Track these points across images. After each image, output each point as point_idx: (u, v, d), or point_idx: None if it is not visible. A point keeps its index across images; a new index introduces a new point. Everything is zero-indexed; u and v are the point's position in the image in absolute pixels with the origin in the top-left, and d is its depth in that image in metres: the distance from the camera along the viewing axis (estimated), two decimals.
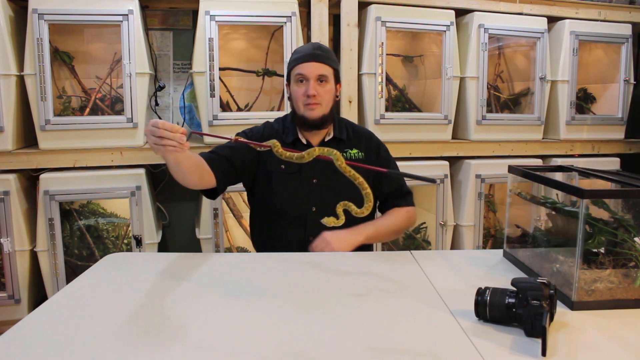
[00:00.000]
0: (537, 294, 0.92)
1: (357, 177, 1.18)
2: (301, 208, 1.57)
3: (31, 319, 1.00)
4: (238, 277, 1.26)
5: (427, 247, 2.72)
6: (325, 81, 1.56)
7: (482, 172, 2.61)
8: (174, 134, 1.19)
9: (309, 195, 1.57)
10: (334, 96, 1.60)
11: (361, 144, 1.65)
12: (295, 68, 1.57)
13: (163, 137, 1.19)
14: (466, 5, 2.58)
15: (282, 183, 1.58)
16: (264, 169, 1.60)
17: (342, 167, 1.16)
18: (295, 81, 1.57)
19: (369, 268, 1.32)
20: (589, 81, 2.97)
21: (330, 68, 1.57)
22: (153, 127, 1.19)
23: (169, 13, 2.65)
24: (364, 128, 1.75)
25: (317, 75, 1.54)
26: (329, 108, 1.58)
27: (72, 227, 2.37)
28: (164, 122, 1.20)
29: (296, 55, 1.59)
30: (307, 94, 1.53)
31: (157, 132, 1.19)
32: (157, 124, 1.19)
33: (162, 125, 1.19)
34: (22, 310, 2.21)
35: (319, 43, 1.63)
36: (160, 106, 2.63)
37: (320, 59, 1.55)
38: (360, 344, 0.91)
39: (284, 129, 1.65)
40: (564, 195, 1.22)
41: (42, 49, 2.10)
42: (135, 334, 0.94)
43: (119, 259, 1.41)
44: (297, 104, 1.58)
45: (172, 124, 1.20)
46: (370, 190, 1.21)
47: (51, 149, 2.19)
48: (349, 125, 1.70)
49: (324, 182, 1.58)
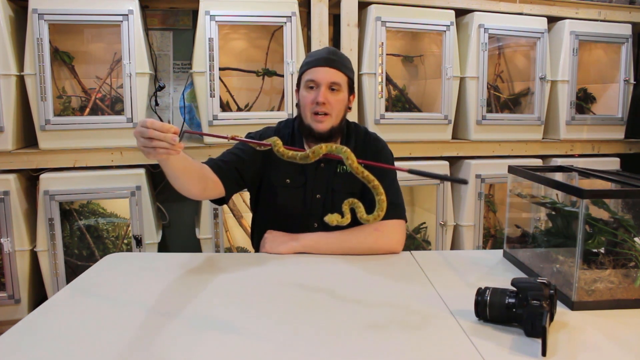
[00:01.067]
0: (537, 294, 0.92)
1: (372, 180, 1.01)
2: (303, 223, 1.50)
3: (31, 319, 1.00)
4: (238, 277, 1.25)
5: (427, 247, 2.72)
6: (337, 90, 1.43)
7: (482, 172, 2.61)
8: (165, 135, 1.05)
9: (311, 211, 1.50)
10: (346, 107, 1.48)
11: (367, 155, 1.52)
12: (306, 73, 1.45)
13: (153, 138, 1.05)
14: (466, 5, 2.58)
15: (287, 197, 1.50)
16: (268, 182, 1.51)
17: (353, 167, 1.02)
18: (306, 87, 1.45)
19: (368, 268, 1.32)
20: (589, 81, 2.97)
21: (345, 76, 1.45)
22: (142, 128, 1.05)
23: (169, 13, 2.65)
24: (376, 137, 1.60)
25: (329, 82, 1.42)
26: (339, 120, 1.46)
27: (72, 227, 2.37)
28: (152, 121, 1.05)
29: (309, 59, 1.47)
30: (316, 101, 1.41)
31: (146, 132, 1.04)
32: (145, 123, 1.05)
33: (150, 124, 1.04)
34: (22, 310, 2.21)
35: (335, 48, 1.51)
36: (160, 106, 2.63)
37: (334, 64, 1.43)
38: (359, 343, 0.91)
39: (292, 137, 1.53)
40: (564, 195, 1.22)
41: (42, 49, 2.10)
42: (135, 334, 0.94)
43: (119, 259, 1.40)
44: (305, 112, 1.45)
45: (163, 123, 1.06)
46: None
47: (51, 149, 2.19)
48: (361, 132, 1.57)
49: (327, 198, 1.50)
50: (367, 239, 1.42)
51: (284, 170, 1.50)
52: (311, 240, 1.43)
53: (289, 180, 1.50)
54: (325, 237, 1.42)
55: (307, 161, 1.06)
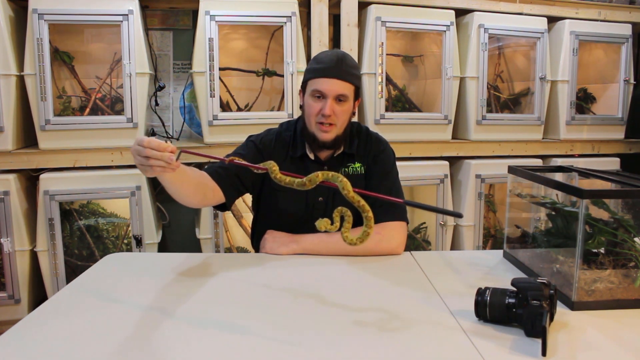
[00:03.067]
0: (537, 294, 0.92)
1: (366, 211, 1.00)
2: (306, 227, 1.47)
3: (31, 319, 1.00)
4: (238, 277, 1.25)
5: (427, 247, 2.72)
6: (344, 100, 1.40)
7: (482, 172, 2.61)
8: (162, 154, 1.05)
9: (313, 214, 1.48)
10: (351, 114, 1.47)
11: (368, 157, 1.52)
12: (313, 81, 1.40)
13: (150, 157, 1.05)
14: (466, 5, 2.58)
15: (288, 201, 1.49)
16: (269, 186, 1.50)
17: (349, 197, 1.01)
18: (312, 95, 1.41)
19: (368, 269, 1.32)
20: (589, 81, 2.97)
21: (352, 85, 1.41)
22: (138, 147, 1.06)
23: (169, 13, 2.65)
24: (378, 137, 1.58)
25: (336, 94, 1.39)
26: (344, 128, 1.44)
27: (72, 227, 2.37)
28: (150, 139, 1.06)
29: (317, 65, 1.41)
30: (322, 113, 1.39)
31: (143, 152, 1.05)
32: (142, 142, 1.06)
33: (147, 144, 1.05)
34: (22, 310, 2.21)
35: (344, 53, 1.44)
36: (160, 106, 2.63)
37: (343, 76, 1.38)
38: (359, 343, 0.91)
39: (294, 141, 1.51)
40: (564, 196, 1.22)
41: (42, 49, 2.10)
42: (134, 334, 0.94)
43: (119, 259, 1.40)
44: (310, 120, 1.43)
45: (159, 142, 1.06)
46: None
47: (51, 149, 2.19)
48: (363, 133, 1.55)
49: (328, 200, 1.49)
50: (368, 242, 1.42)
51: None
52: (311, 242, 1.42)
53: None
54: (326, 239, 1.41)
55: (304, 188, 1.04)
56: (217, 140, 2.33)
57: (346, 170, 1.50)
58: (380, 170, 1.53)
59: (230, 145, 2.22)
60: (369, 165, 1.52)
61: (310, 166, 1.49)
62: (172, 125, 2.70)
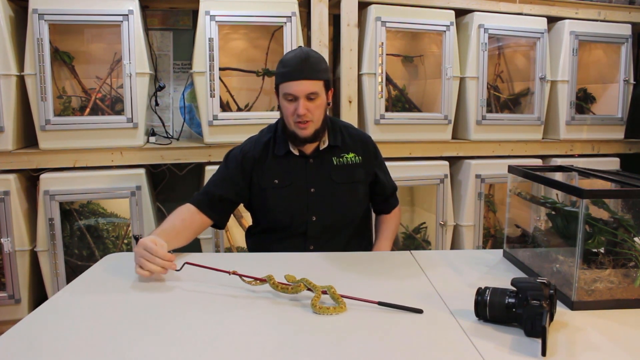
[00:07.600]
0: (537, 294, 0.92)
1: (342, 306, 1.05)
2: (301, 219, 1.53)
3: (31, 319, 1.00)
4: (237, 277, 1.25)
5: (427, 247, 2.72)
6: (315, 97, 1.45)
7: (482, 172, 2.61)
8: (165, 262, 1.18)
9: (308, 205, 1.53)
10: (326, 106, 1.51)
11: (357, 147, 1.59)
12: (283, 85, 1.45)
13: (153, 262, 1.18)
14: (466, 5, 2.58)
15: (279, 197, 1.53)
16: (257, 187, 1.54)
17: (334, 296, 1.08)
18: (284, 98, 1.47)
19: (368, 268, 1.32)
20: (589, 81, 2.97)
21: (320, 81, 1.46)
22: (145, 252, 1.18)
23: (169, 13, 2.65)
24: (359, 130, 1.68)
25: (306, 94, 1.43)
26: (321, 121, 1.49)
27: (72, 227, 2.37)
28: (157, 249, 1.18)
29: (284, 69, 1.46)
30: (297, 113, 1.44)
31: (150, 258, 1.17)
32: (151, 250, 1.17)
33: (155, 252, 1.17)
34: (22, 310, 2.21)
35: (307, 50, 1.48)
36: (160, 106, 2.63)
37: (309, 75, 1.43)
38: (359, 342, 0.91)
39: (275, 141, 1.56)
40: (564, 195, 1.22)
41: (42, 49, 2.10)
42: (135, 334, 0.94)
43: (119, 259, 1.40)
44: (288, 120, 1.49)
45: (165, 253, 1.19)
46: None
47: (51, 149, 2.19)
48: (344, 128, 1.62)
49: (322, 190, 1.54)
50: (399, 221, 1.79)
51: (271, 171, 1.54)
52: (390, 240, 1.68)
53: (277, 181, 1.54)
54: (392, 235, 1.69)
55: (299, 291, 1.11)
56: (217, 140, 2.33)
57: (341, 161, 1.56)
58: (381, 164, 1.67)
59: (230, 145, 2.21)
60: (367, 158, 1.60)
61: (296, 161, 1.54)
62: (172, 125, 2.70)
